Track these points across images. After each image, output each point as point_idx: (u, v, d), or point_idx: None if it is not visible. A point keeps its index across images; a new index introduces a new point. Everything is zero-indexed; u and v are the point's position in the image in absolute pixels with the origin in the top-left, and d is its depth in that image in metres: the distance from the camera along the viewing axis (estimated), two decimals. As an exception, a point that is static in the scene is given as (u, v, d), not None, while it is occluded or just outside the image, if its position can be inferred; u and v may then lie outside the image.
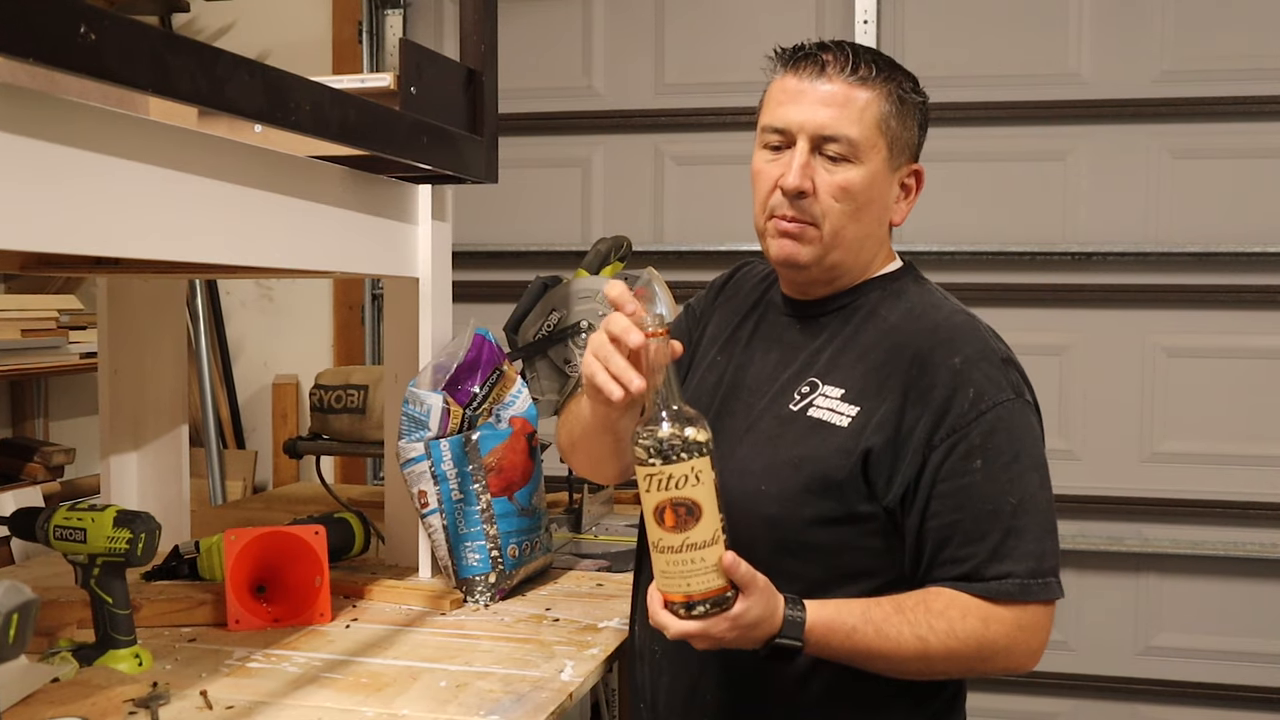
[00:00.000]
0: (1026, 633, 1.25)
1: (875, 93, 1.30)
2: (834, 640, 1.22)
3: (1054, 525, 1.29)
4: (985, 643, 1.24)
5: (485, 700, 1.34)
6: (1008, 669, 1.28)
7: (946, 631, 1.23)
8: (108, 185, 1.10)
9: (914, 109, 1.34)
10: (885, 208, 1.35)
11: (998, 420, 1.25)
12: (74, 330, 3.06)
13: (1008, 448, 1.25)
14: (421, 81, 1.58)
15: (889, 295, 1.36)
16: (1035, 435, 1.29)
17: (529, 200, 3.28)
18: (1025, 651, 1.26)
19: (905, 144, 1.34)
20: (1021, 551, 1.24)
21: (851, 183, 1.30)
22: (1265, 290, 2.90)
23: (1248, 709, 2.94)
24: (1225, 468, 2.93)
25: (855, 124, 1.29)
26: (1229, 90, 2.88)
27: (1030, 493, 1.26)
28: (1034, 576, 1.25)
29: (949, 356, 1.27)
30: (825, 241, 1.32)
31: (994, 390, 1.26)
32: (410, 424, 1.71)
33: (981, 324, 1.34)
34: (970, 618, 1.23)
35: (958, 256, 3.03)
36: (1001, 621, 1.24)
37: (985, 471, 1.25)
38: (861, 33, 3.04)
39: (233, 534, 1.62)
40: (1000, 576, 1.24)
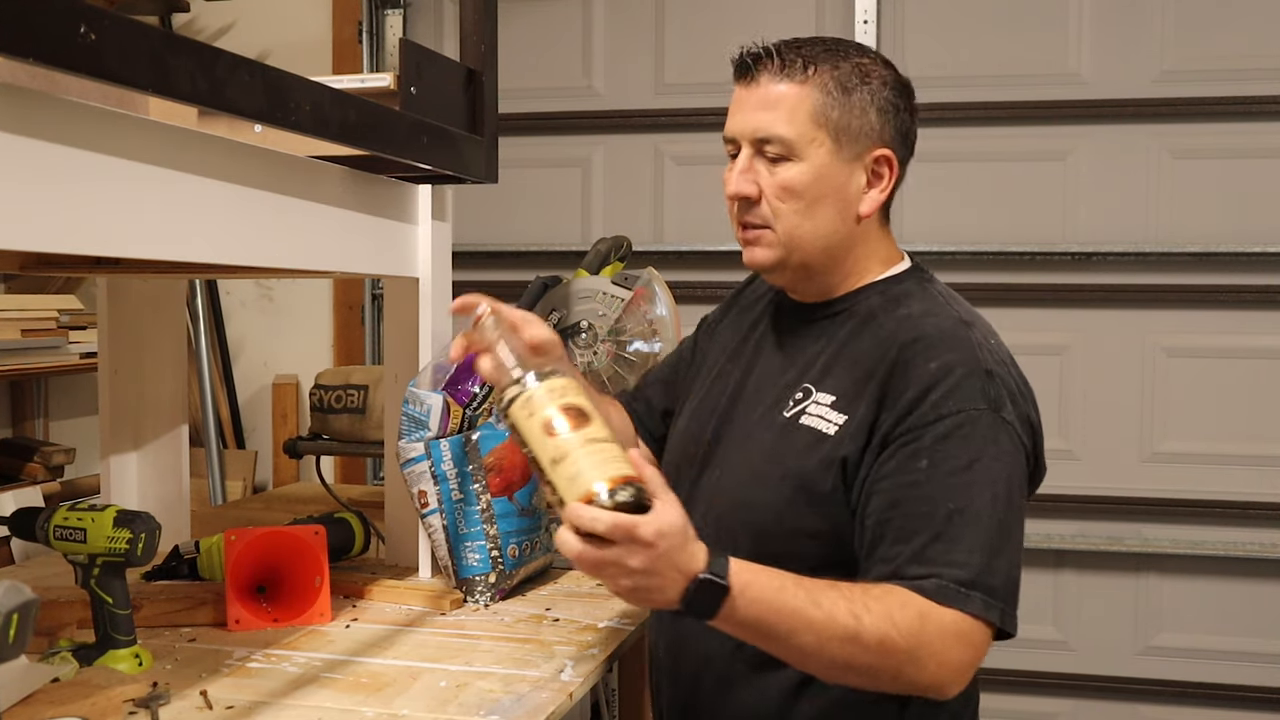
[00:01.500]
0: (960, 644, 1.14)
1: (807, 87, 1.28)
2: (763, 594, 1.10)
3: (1003, 548, 1.17)
4: (921, 640, 1.13)
5: (485, 700, 1.34)
6: (933, 683, 1.15)
7: (884, 615, 1.12)
8: (108, 185, 1.10)
9: (870, 93, 1.29)
10: (845, 201, 1.30)
11: (956, 427, 1.19)
12: (74, 330, 3.06)
13: (960, 454, 1.19)
14: (421, 81, 1.58)
15: (889, 300, 1.33)
16: (1002, 451, 1.20)
17: (529, 200, 3.28)
18: (953, 669, 1.15)
19: (859, 131, 1.29)
20: (948, 559, 1.15)
21: (792, 181, 1.29)
22: (1265, 290, 2.90)
23: (1248, 709, 2.94)
24: (1225, 468, 2.93)
25: (787, 122, 1.28)
26: (1229, 90, 2.88)
27: (975, 505, 1.17)
28: (960, 585, 1.14)
29: (927, 362, 1.23)
30: (782, 243, 1.31)
31: (962, 398, 1.20)
32: (410, 424, 1.71)
33: (976, 333, 1.27)
34: (909, 609, 1.14)
35: (958, 256, 3.03)
36: (941, 624, 1.14)
37: (929, 473, 1.19)
38: (861, 33, 3.04)
39: (233, 534, 1.62)
40: (925, 576, 1.15)
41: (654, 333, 2.01)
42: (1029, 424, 1.25)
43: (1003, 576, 1.17)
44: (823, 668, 1.15)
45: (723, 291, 3.06)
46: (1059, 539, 3.00)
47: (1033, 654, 3.04)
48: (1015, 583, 1.19)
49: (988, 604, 1.15)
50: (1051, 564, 3.03)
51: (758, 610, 1.10)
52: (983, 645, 1.17)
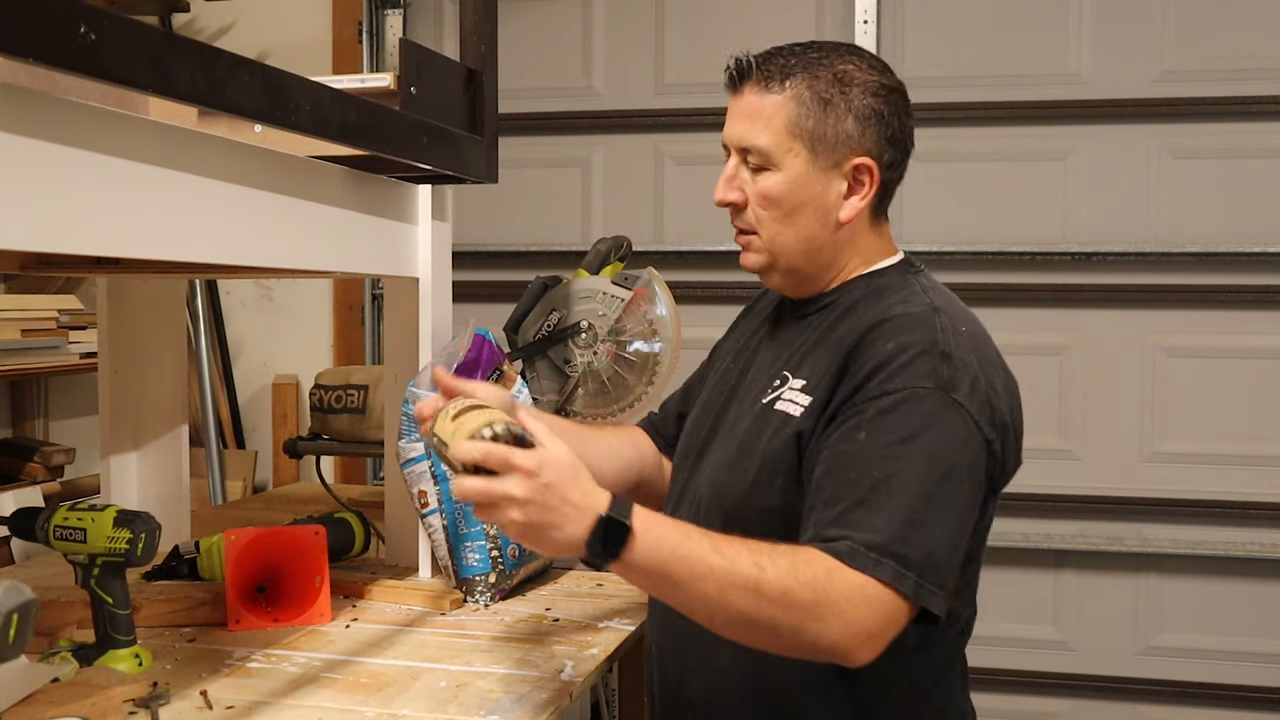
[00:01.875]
0: (867, 606, 1.12)
1: (784, 97, 1.30)
2: (666, 538, 1.11)
3: (928, 522, 1.15)
4: (823, 599, 1.11)
5: (485, 700, 1.34)
6: (835, 645, 1.12)
7: (788, 568, 1.11)
8: (108, 185, 1.10)
9: (849, 102, 1.30)
10: (823, 209, 1.33)
11: (900, 402, 1.20)
12: (74, 330, 3.06)
13: (898, 429, 1.19)
14: (421, 81, 1.58)
15: (871, 291, 1.35)
16: (945, 431, 1.19)
17: (529, 200, 3.28)
18: (860, 630, 1.12)
19: (836, 140, 1.31)
20: (867, 524, 1.14)
21: (770, 189, 1.32)
22: (1265, 290, 2.90)
23: (1248, 709, 2.94)
24: (1225, 468, 2.94)
25: (764, 132, 1.31)
26: (1229, 90, 2.88)
27: (905, 477, 1.16)
28: (870, 549, 1.13)
29: (885, 342, 1.25)
30: (767, 248, 1.36)
31: (911, 376, 1.21)
32: (410, 424, 1.71)
33: (944, 318, 1.27)
34: (815, 566, 1.13)
35: (958, 256, 3.03)
36: (847, 582, 1.12)
37: (864, 444, 1.20)
38: (861, 32, 3.04)
39: (233, 534, 1.62)
40: (838, 538, 1.15)
41: (654, 333, 2.01)
42: (990, 411, 1.23)
43: (923, 551, 1.14)
44: (727, 621, 1.14)
45: (722, 291, 3.09)
46: (1059, 539, 3.00)
47: (1033, 654, 3.04)
48: (940, 560, 1.16)
49: (899, 574, 1.13)
50: (1051, 564, 3.03)
51: (660, 555, 1.11)
52: (893, 614, 1.14)
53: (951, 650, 1.36)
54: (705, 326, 2.20)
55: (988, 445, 1.23)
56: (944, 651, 1.34)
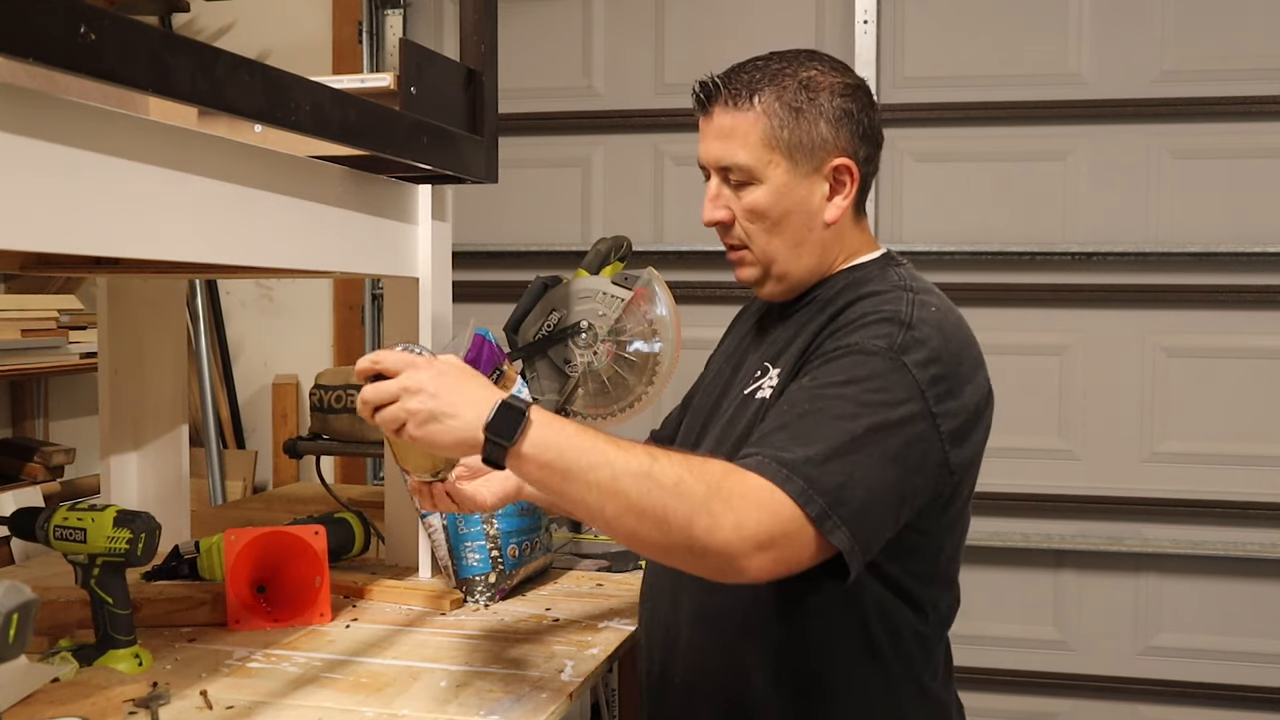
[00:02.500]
0: (758, 509, 1.11)
1: (755, 112, 1.33)
2: (562, 427, 1.13)
3: (848, 458, 1.14)
4: (715, 492, 1.10)
5: (485, 700, 1.34)
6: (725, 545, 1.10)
7: (682, 462, 1.13)
8: (108, 185, 1.10)
9: (818, 108, 1.32)
10: (809, 213, 1.35)
11: (846, 354, 1.22)
12: (74, 330, 3.06)
13: (838, 375, 1.21)
14: (421, 81, 1.58)
15: (851, 283, 1.37)
16: (887, 387, 1.19)
17: (529, 200, 3.28)
18: (749, 533, 1.10)
19: (812, 145, 1.33)
20: (784, 445, 1.15)
21: (757, 203, 1.35)
22: (1265, 290, 2.90)
23: (1248, 709, 2.94)
24: (1225, 468, 2.93)
25: (741, 149, 1.34)
26: (1229, 90, 2.88)
27: (830, 411, 1.17)
28: (783, 465, 1.13)
29: (851, 311, 1.28)
30: (760, 260, 1.39)
31: (864, 336, 1.23)
32: (410, 424, 1.71)
33: (914, 295, 1.28)
34: (713, 464, 1.14)
35: (958, 256, 3.03)
36: (743, 482, 1.12)
37: (804, 387, 1.22)
38: (862, 33, 3.04)
39: (233, 534, 1.62)
40: (748, 455, 1.17)
41: (654, 333, 2.01)
42: (945, 388, 1.22)
43: (836, 481, 1.13)
44: (618, 511, 1.12)
45: (722, 291, 3.09)
46: (1059, 539, 3.00)
47: (1033, 654, 3.04)
48: (854, 497, 1.14)
49: (806, 494, 1.12)
50: (1051, 564, 3.03)
51: (556, 441, 1.12)
52: (792, 531, 1.12)
53: (931, 637, 1.36)
54: (705, 326, 2.20)
55: (934, 418, 1.21)
56: (922, 638, 1.35)
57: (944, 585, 1.37)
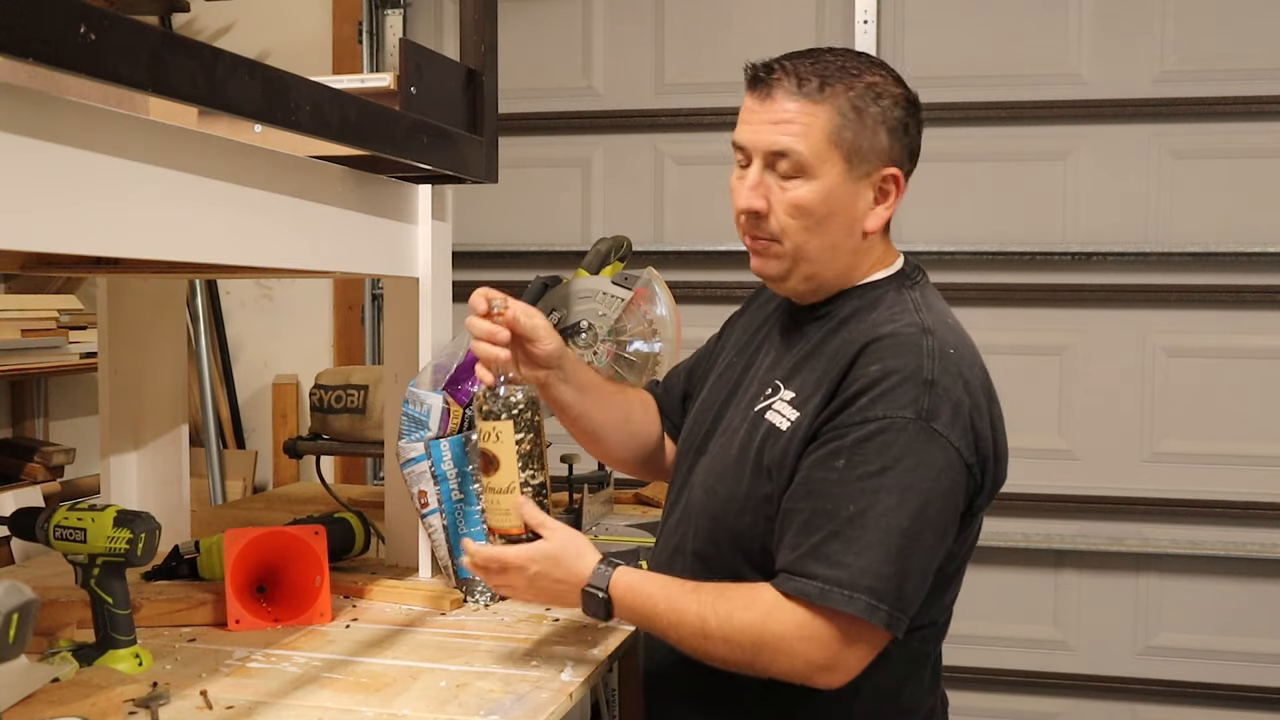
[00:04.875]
0: (805, 644, 1.21)
1: (824, 107, 1.28)
2: (634, 601, 1.32)
3: (904, 556, 1.20)
4: (760, 641, 1.23)
5: (485, 700, 1.34)
6: (790, 675, 1.24)
7: (726, 617, 1.25)
8: (108, 185, 1.10)
9: (882, 114, 1.30)
10: (852, 218, 1.33)
11: (879, 431, 1.22)
12: (74, 330, 3.06)
13: (876, 459, 1.21)
14: (421, 81, 1.58)
15: (865, 305, 1.35)
16: (922, 462, 1.21)
17: (529, 200, 3.28)
18: (804, 663, 1.22)
19: (870, 151, 1.30)
20: (838, 560, 1.20)
21: (804, 199, 1.30)
22: (1265, 290, 2.90)
23: (1248, 709, 2.94)
24: (1225, 468, 2.94)
25: (802, 140, 1.29)
26: (1229, 90, 2.88)
27: (878, 509, 1.20)
28: (842, 586, 1.19)
29: (870, 364, 1.26)
30: (790, 255, 1.34)
31: (892, 405, 1.22)
32: (410, 424, 1.71)
33: (932, 340, 1.27)
34: (753, 610, 1.24)
35: (958, 256, 3.03)
36: (782, 622, 1.22)
37: (842, 473, 1.23)
38: (861, 33, 3.04)
39: (233, 534, 1.61)
40: (808, 575, 1.21)
41: (654, 333, 2.01)
42: (973, 436, 1.25)
43: (895, 582, 1.20)
44: (701, 657, 1.30)
45: (722, 291, 3.09)
46: (1059, 539, 3.00)
47: (1033, 654, 3.04)
48: (910, 590, 1.22)
49: (871, 608, 1.19)
50: (1051, 564, 3.04)
51: (634, 615, 1.34)
52: (848, 643, 1.22)
53: (921, 651, 1.37)
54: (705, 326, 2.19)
55: (968, 470, 1.25)
56: (913, 653, 1.35)
57: (944, 605, 1.37)
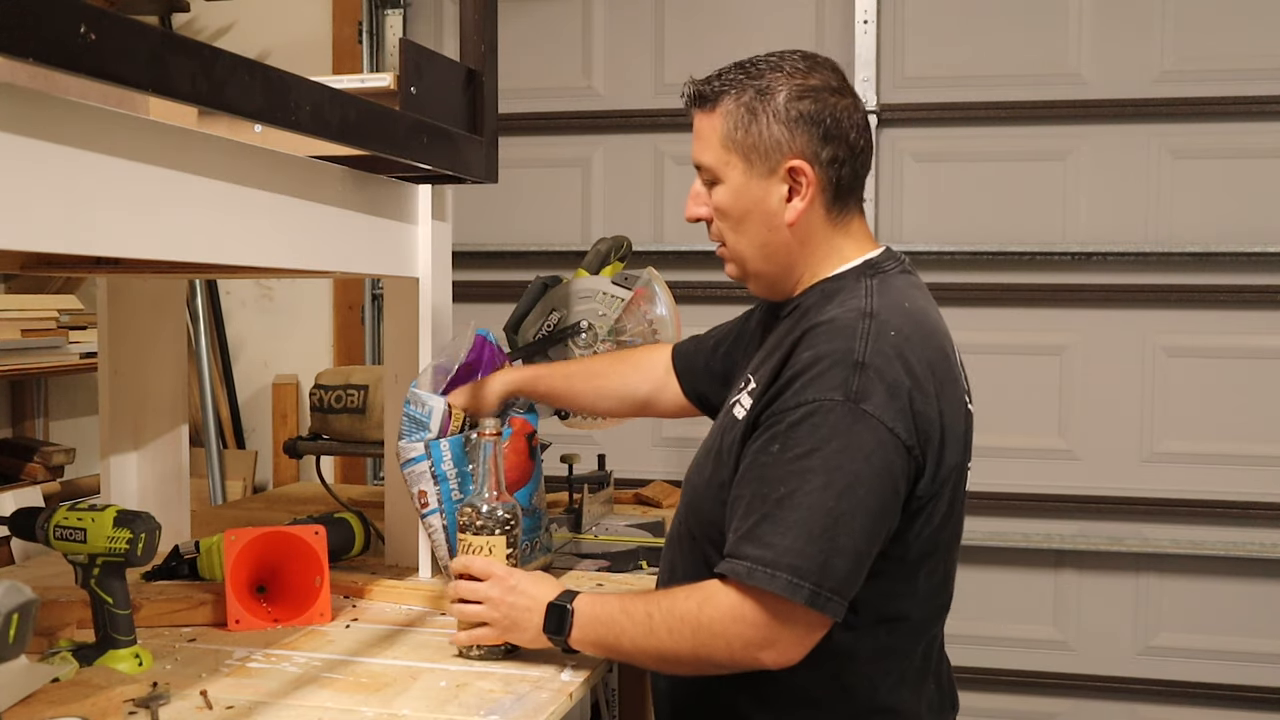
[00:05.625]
0: (739, 624, 1.25)
1: (717, 113, 1.38)
2: (594, 611, 1.37)
3: (830, 536, 1.22)
4: (698, 626, 1.28)
5: (485, 700, 1.34)
6: (732, 660, 1.27)
7: (668, 608, 1.30)
8: (108, 185, 1.10)
9: (773, 111, 1.34)
10: (767, 213, 1.38)
11: (808, 415, 1.25)
12: (74, 330, 3.06)
13: (805, 441, 1.24)
14: (421, 81, 1.58)
15: (824, 296, 1.38)
16: (850, 444, 1.23)
17: (529, 200, 3.28)
18: (742, 644, 1.26)
19: (767, 148, 1.35)
20: (765, 540, 1.23)
21: (720, 202, 1.41)
22: (1265, 290, 2.90)
23: (1248, 709, 2.94)
24: (1225, 468, 2.93)
25: (706, 149, 1.40)
26: (1229, 90, 2.88)
27: (805, 490, 1.23)
28: (765, 565, 1.23)
29: (805, 350, 1.29)
30: (733, 257, 1.44)
31: (822, 388, 1.25)
32: (411, 424, 1.71)
33: (871, 323, 1.29)
34: (691, 598, 1.29)
35: (958, 256, 3.03)
36: (717, 606, 1.27)
37: (776, 457, 1.26)
38: (861, 33, 3.04)
39: (233, 534, 1.61)
40: (739, 556, 1.25)
41: (654, 333, 2.01)
42: (910, 416, 1.26)
43: (818, 560, 1.22)
44: (655, 662, 1.36)
45: (722, 291, 3.09)
46: (1059, 539, 3.00)
47: (1033, 654, 3.04)
48: (838, 568, 1.23)
49: (793, 585, 1.22)
50: (1051, 564, 3.03)
51: (592, 627, 1.36)
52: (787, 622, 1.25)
53: (891, 646, 1.36)
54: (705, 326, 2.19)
55: (907, 451, 1.26)
56: (880, 647, 1.35)
57: (924, 598, 1.37)
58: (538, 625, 1.39)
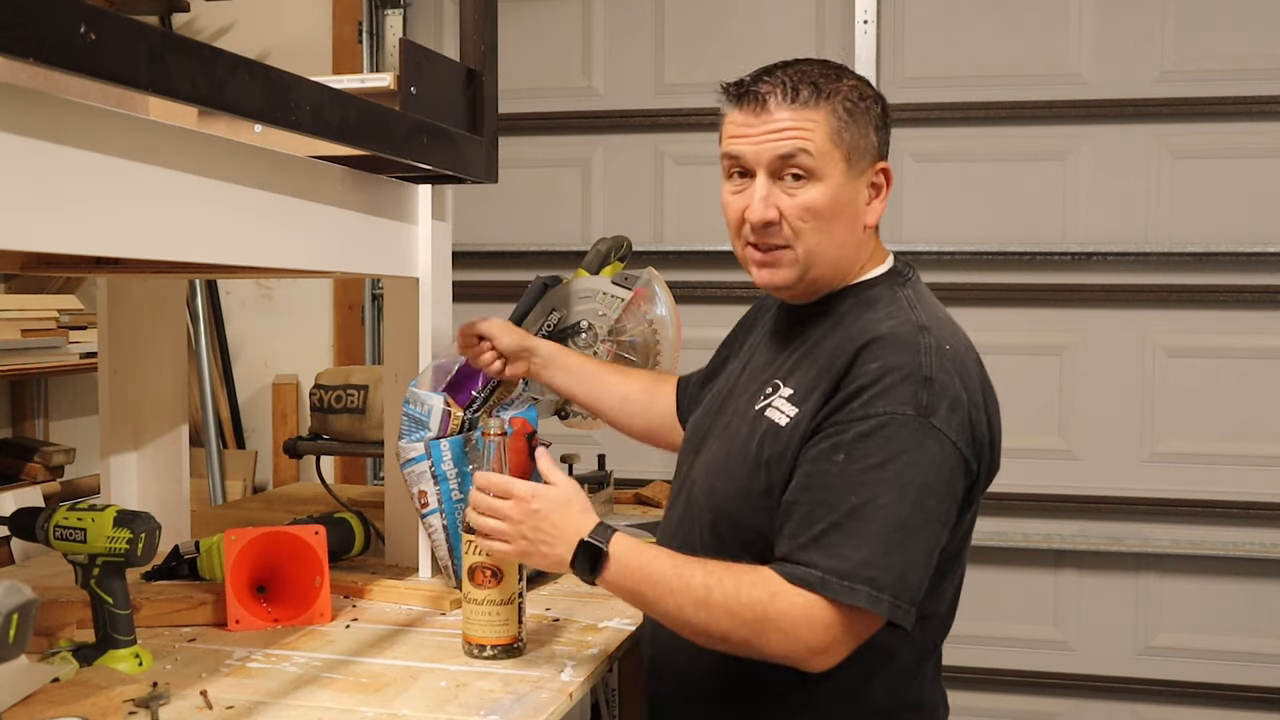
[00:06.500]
0: (809, 626, 1.23)
1: (821, 112, 1.34)
2: (635, 562, 1.30)
3: (905, 548, 1.23)
4: (765, 617, 1.24)
5: (485, 700, 1.34)
6: (786, 655, 1.25)
7: (733, 590, 1.25)
8: (108, 185, 1.10)
9: (866, 113, 1.36)
10: (855, 215, 1.38)
11: (879, 427, 1.25)
12: (74, 330, 3.06)
13: (877, 453, 1.24)
14: (421, 81, 1.58)
15: (861, 303, 1.39)
16: (921, 457, 1.25)
17: (529, 200, 3.28)
18: (803, 645, 1.24)
19: (863, 149, 1.36)
20: (838, 551, 1.23)
21: (815, 202, 1.35)
22: (1265, 290, 2.90)
23: (1248, 709, 2.94)
24: (1225, 468, 2.93)
25: (810, 144, 1.34)
26: (1229, 90, 2.88)
27: (879, 502, 1.23)
28: (842, 577, 1.22)
29: (870, 362, 1.29)
30: (802, 261, 1.38)
31: (892, 401, 1.25)
32: (410, 424, 1.71)
33: (929, 338, 1.31)
34: (760, 589, 1.25)
35: (958, 256, 3.03)
36: (790, 604, 1.23)
37: (842, 466, 1.26)
38: (861, 33, 3.04)
39: (233, 534, 1.61)
40: (808, 564, 1.24)
41: (654, 333, 2.01)
42: (969, 429, 1.29)
43: (896, 573, 1.22)
44: (691, 633, 1.29)
45: (722, 291, 3.09)
46: (1059, 539, 3.00)
47: (1033, 654, 3.04)
48: (912, 580, 1.24)
49: (873, 598, 1.21)
50: (1051, 564, 3.03)
51: (631, 576, 1.30)
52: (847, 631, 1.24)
53: (925, 646, 1.39)
54: (705, 326, 2.20)
55: (965, 464, 1.29)
56: (918, 649, 1.37)
57: (942, 597, 1.38)
58: (562, 556, 1.32)
